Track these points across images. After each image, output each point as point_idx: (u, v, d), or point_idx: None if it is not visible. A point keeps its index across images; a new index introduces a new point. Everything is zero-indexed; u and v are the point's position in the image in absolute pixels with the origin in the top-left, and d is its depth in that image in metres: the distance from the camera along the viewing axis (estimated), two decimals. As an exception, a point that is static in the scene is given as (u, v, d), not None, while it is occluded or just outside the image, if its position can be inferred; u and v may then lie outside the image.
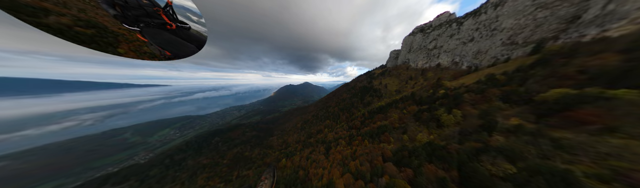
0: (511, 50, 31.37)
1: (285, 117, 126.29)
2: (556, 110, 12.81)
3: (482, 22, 38.18)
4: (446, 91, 29.49)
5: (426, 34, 58.46)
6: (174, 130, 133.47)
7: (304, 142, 49.49)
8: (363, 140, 25.41)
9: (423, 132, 20.98)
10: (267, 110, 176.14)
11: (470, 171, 10.99)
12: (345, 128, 39.15)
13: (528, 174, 9.15)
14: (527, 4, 28.35)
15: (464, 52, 43.14)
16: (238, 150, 72.97)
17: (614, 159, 8.72)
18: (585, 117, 11.33)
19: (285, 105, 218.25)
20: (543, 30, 27.13)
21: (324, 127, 55.08)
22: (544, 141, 10.86)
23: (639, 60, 12.38)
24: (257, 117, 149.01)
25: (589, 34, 21.04)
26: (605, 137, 9.99)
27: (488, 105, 19.15)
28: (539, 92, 15.83)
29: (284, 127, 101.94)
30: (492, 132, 14.17)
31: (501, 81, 22.25)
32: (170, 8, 1.49)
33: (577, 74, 15.52)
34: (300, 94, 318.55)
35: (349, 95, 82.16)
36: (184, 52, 1.62)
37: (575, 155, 9.67)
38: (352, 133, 31.58)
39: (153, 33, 1.42)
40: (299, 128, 76.58)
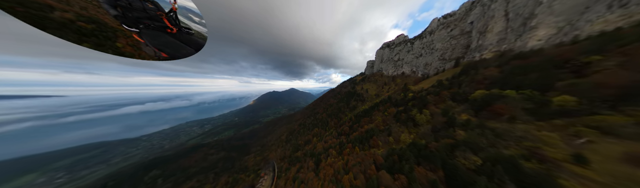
0: (444, 64, 48.16)
1: (267, 129, 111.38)
2: (483, 106, 18.07)
3: (425, 43, 57.80)
4: (413, 94, 36.12)
5: (391, 49, 78.82)
6: (57, 172, 72.53)
7: (290, 157, 43.97)
8: (354, 148, 25.36)
9: (405, 132, 23.10)
10: (244, 122, 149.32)
11: (452, 169, 12.30)
12: (334, 136, 38.41)
13: (491, 164, 11.09)
14: (445, 35, 47.33)
15: (418, 64, 60.91)
16: (193, 184, 51.07)
17: (525, 140, 12.37)
18: (499, 110, 16.32)
19: (267, 114, 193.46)
20: (456, 52, 45.34)
21: (313, 136, 52.24)
22: (488, 131, 14.30)
23: (507, 72, 20.63)
24: (229, 132, 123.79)
25: (476, 56, 37.09)
26: (514, 124, 14.43)
27: (444, 104, 24.51)
28: (470, 93, 22.38)
29: (265, 141, 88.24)
30: (454, 127, 17.42)
31: (446, 85, 30.13)
32: (174, 13, 1.57)
33: (484, 80, 23.58)
34: (286, 101, 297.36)
35: (335, 100, 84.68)
36: (181, 54, 1.66)
37: (506, 141, 13.05)
38: (342, 140, 31.14)
39: (152, 35, 1.49)
40: (283, 140, 68.50)
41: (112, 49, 1.32)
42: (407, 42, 68.17)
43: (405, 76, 66.53)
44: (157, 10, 1.50)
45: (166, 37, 1.57)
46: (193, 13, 1.76)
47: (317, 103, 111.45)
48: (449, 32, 46.19)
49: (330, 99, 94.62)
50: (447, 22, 48.40)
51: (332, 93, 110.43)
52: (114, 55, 1.36)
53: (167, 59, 1.64)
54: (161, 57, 1.59)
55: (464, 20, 43.06)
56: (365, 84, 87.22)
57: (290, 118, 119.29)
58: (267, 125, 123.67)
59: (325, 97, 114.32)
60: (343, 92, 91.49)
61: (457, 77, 30.52)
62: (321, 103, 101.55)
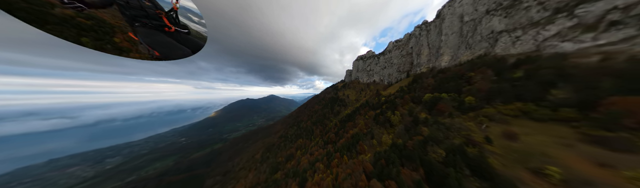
0: (400, 74, 65.44)
1: (234, 148, 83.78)
2: (432, 106, 24.88)
3: (386, 59, 76.42)
4: (385, 98, 44.02)
5: (364, 61, 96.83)
6: None
7: (266, 182, 35.83)
8: (342, 157, 25.13)
9: (385, 134, 26.01)
10: (197, 143, 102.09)
11: (428, 165, 14.27)
12: (321, 146, 37.14)
13: (452, 155, 14.03)
14: (398, 54, 65.03)
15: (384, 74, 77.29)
16: None
17: (462, 131, 17.65)
18: (442, 108, 23.40)
19: (236, 128, 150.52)
20: (406, 66, 62.61)
21: (296, 149, 47.51)
22: (441, 126, 19.23)
23: (438, 81, 30.27)
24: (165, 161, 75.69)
25: (418, 70, 52.19)
26: (453, 118, 20.73)
27: (408, 106, 31.39)
28: (422, 96, 30.44)
29: (229, 166, 65.15)
30: (419, 124, 22.21)
31: (406, 91, 39.53)
32: (174, 12, 1.56)
33: (428, 86, 33.37)
34: (263, 109, 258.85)
35: (320, 106, 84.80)
36: (177, 54, 1.62)
37: (453, 132, 17.97)
38: (329, 150, 30.43)
39: (147, 33, 1.47)
40: (258, 160, 55.47)
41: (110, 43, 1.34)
42: (375, 56, 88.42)
43: (376, 83, 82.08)
44: (155, 9, 1.48)
45: (162, 36, 1.54)
46: (193, 13, 1.75)
47: (301, 110, 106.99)
48: (400, 52, 67.04)
49: (314, 105, 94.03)
50: (398, 45, 69.87)
51: (317, 99, 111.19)
52: None
53: (161, 59, 1.57)
54: (153, 55, 1.52)
55: (407, 45, 64.63)
56: (346, 90, 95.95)
57: (268, 130, 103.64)
58: (236, 142, 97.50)
59: (310, 103, 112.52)
60: (327, 98, 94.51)
61: (411, 85, 41.21)
62: (305, 110, 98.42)
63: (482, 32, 34.86)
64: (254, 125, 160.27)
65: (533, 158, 12.45)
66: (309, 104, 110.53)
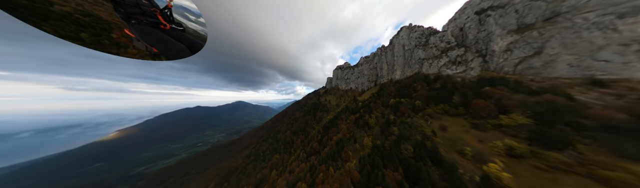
0: (370, 83, 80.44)
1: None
2: (396, 109, 32.12)
3: (360, 70, 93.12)
4: (362, 103, 51.24)
5: (342, 70, 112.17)
6: None
7: None
8: (327, 169, 23.81)
9: (365, 136, 28.93)
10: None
11: (404, 163, 16.70)
12: (302, 159, 34.55)
13: (418, 150, 17.85)
14: (367, 67, 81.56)
15: (358, 82, 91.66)
16: None
17: (419, 127, 24.00)
18: (403, 110, 31.03)
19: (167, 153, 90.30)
20: (374, 77, 79.10)
21: (271, 168, 40.28)
22: (405, 125, 24.85)
23: (397, 89, 40.72)
24: None
25: (382, 80, 67.12)
26: (411, 118, 27.76)
27: (380, 109, 38.26)
28: (388, 101, 38.69)
29: None
30: (391, 125, 27.43)
31: (376, 97, 48.59)
32: (168, 10, 1.59)
33: (391, 93, 43.27)
34: (224, 121, 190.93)
35: (302, 112, 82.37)
36: (173, 50, 1.64)
37: (413, 129, 23.88)
38: (313, 163, 28.33)
39: (143, 30, 1.48)
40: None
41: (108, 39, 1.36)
42: (351, 67, 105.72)
43: (353, 90, 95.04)
44: (150, 6, 1.50)
45: (158, 33, 1.56)
46: (189, 11, 1.75)
47: (279, 118, 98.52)
48: (369, 66, 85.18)
49: (295, 112, 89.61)
50: (367, 60, 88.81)
51: (298, 105, 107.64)
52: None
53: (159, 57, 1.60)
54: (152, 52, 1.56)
55: (374, 61, 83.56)
56: (328, 95, 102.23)
57: (229, 148, 79.31)
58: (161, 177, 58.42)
59: (290, 110, 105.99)
60: (309, 104, 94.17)
61: (379, 92, 51.68)
62: (284, 118, 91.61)
63: (415, 58, 54.23)
64: (205, 144, 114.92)
65: (457, 143, 18.98)
66: (289, 111, 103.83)
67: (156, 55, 1.61)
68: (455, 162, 15.82)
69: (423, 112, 28.74)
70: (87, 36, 1.27)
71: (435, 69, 45.65)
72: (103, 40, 1.35)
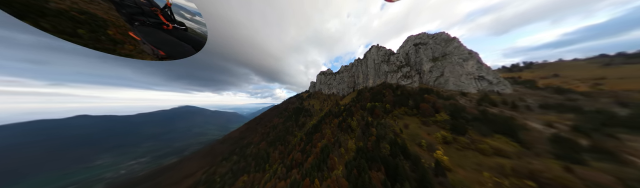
0: (350, 89, 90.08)
1: None
2: (372, 111, 38.58)
3: (340, 77, 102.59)
4: (344, 107, 56.50)
5: (325, 76, 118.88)
6: None
7: None
8: (312, 182, 21.75)
9: (349, 139, 31.33)
10: None
11: (385, 162, 19.31)
12: (282, 175, 30.60)
13: (393, 147, 22.17)
14: (346, 75, 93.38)
15: (339, 88, 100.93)
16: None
17: (390, 127, 30.01)
18: (377, 113, 37.43)
19: None
20: (352, 84, 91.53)
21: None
22: (381, 126, 30.19)
23: (372, 94, 49.50)
24: None
25: (358, 87, 78.81)
26: (384, 119, 34.29)
27: (360, 112, 43.98)
28: (365, 104, 45.66)
29: None
30: (370, 126, 32.30)
31: (356, 101, 55.64)
32: (168, 9, 1.54)
33: (367, 98, 51.48)
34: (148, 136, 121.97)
35: (282, 119, 76.69)
36: (179, 52, 1.64)
37: (387, 129, 29.37)
38: (295, 178, 25.17)
39: (147, 32, 1.46)
40: None
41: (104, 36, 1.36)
42: (333, 74, 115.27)
43: (335, 95, 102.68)
44: (150, 6, 1.43)
45: (162, 34, 1.51)
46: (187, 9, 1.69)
47: (251, 127, 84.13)
48: (348, 74, 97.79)
49: (274, 118, 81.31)
50: (347, 69, 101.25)
51: (277, 110, 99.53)
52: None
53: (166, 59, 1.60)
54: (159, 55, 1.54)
55: (352, 70, 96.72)
56: (311, 100, 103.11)
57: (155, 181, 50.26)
58: None
59: (267, 116, 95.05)
60: (291, 109, 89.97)
61: (358, 97, 59.88)
62: (258, 126, 80.00)
63: (382, 70, 69.93)
64: (95, 179, 62.41)
65: (416, 137, 25.32)
66: (265, 117, 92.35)
67: (164, 58, 1.56)
68: (418, 153, 20.74)
69: (391, 114, 36.50)
70: (85, 32, 1.24)
71: (394, 80, 61.16)
72: (100, 36, 1.31)
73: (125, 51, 1.47)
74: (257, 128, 73.75)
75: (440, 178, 16.62)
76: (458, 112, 29.86)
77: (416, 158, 19.49)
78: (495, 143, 20.99)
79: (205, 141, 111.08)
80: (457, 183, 15.80)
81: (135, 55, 1.50)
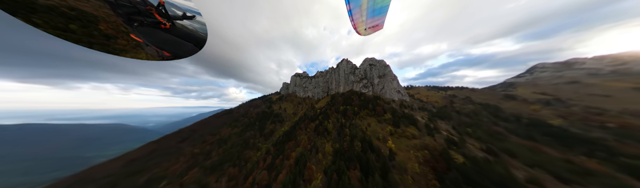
0: (324, 93, 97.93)
1: None
2: (345, 114, 45.70)
3: (316, 81, 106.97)
4: (320, 110, 60.11)
5: (301, 78, 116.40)
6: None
7: None
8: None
9: (326, 143, 32.82)
10: None
11: (359, 159, 22.72)
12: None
13: (364, 144, 27.51)
14: (321, 80, 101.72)
15: (314, 92, 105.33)
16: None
17: (359, 126, 37.13)
18: (348, 115, 44.69)
19: None
20: (326, 89, 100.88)
21: None
22: (353, 126, 36.55)
23: (343, 99, 59.17)
24: None
25: (332, 92, 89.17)
26: (354, 120, 41.98)
27: (335, 115, 49.54)
28: (338, 108, 52.82)
29: None
30: (344, 128, 37.75)
31: (331, 104, 61.91)
32: (162, 7, 1.50)
33: (340, 102, 59.88)
34: None
35: (238, 128, 59.30)
36: (182, 51, 1.62)
37: (358, 128, 35.95)
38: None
39: (148, 32, 1.43)
40: None
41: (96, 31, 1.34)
42: (309, 77, 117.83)
43: (310, 98, 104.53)
44: (145, 5, 1.38)
45: (162, 34, 1.46)
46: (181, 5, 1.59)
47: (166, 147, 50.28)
48: (323, 79, 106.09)
49: (223, 129, 60.79)
50: (322, 75, 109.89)
51: (230, 116, 77.44)
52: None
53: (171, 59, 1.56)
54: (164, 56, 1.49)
55: (327, 76, 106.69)
56: (283, 103, 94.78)
57: None
58: None
59: (208, 125, 69.16)
60: (253, 114, 74.95)
61: (332, 101, 67.19)
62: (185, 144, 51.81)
63: (350, 79, 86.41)
64: None
65: (375, 133, 33.76)
66: (202, 128, 65.27)
67: (168, 58, 1.54)
68: (378, 145, 27.60)
69: (358, 115, 46.03)
70: (77, 28, 1.25)
71: (358, 88, 78.59)
72: (92, 31, 1.31)
73: (119, 46, 1.39)
74: (182, 147, 46.57)
75: (393, 162, 23.12)
76: (394, 112, 45.83)
77: (378, 149, 25.49)
78: (410, 130, 35.15)
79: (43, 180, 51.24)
80: (401, 162, 22.94)
81: (129, 50, 1.39)
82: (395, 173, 20.75)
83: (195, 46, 1.57)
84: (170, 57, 1.48)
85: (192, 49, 1.58)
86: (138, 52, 1.43)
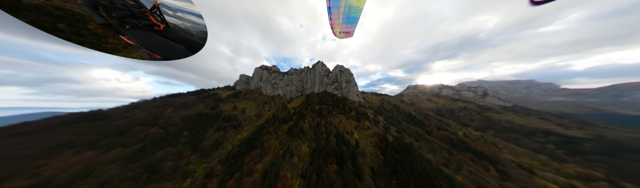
0: (298, 93, 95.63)
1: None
2: (320, 113, 49.81)
3: (289, 79, 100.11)
4: (294, 110, 58.70)
5: (270, 73, 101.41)
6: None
7: None
8: None
9: (302, 144, 32.46)
10: None
11: (334, 152, 26.24)
12: None
13: (337, 139, 32.39)
14: (296, 78, 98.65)
15: (287, 90, 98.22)
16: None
17: (333, 123, 43.17)
18: (324, 113, 49.90)
19: None
20: (301, 88, 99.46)
21: None
22: (328, 124, 41.24)
23: (318, 99, 64.00)
24: None
25: (306, 91, 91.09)
26: (328, 118, 47.91)
27: (311, 114, 51.68)
28: (314, 107, 55.89)
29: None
30: (321, 126, 41.60)
31: (307, 104, 62.79)
32: (157, 9, 1.50)
33: (315, 101, 63.10)
34: None
35: (135, 145, 33.26)
36: (172, 53, 1.62)
37: (333, 125, 41.60)
38: None
39: (140, 35, 1.42)
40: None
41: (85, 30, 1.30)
42: (281, 73, 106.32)
43: (280, 97, 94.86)
44: (140, 7, 1.38)
45: (155, 36, 1.47)
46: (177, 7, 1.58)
47: None
48: (298, 77, 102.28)
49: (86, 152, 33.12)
50: (296, 72, 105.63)
51: (96, 127, 42.33)
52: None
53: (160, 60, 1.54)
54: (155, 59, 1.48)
55: (301, 74, 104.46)
56: (241, 101, 74.89)
57: None
58: None
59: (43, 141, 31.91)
60: (179, 118, 48.70)
61: (307, 100, 68.40)
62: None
63: (324, 81, 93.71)
64: None
65: (345, 128, 40.37)
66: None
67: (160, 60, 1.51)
68: (348, 138, 34.04)
69: (332, 114, 52.74)
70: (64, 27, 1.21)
71: (331, 90, 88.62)
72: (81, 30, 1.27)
73: (110, 45, 1.36)
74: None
75: (358, 149, 29.57)
76: (357, 110, 59.45)
77: (348, 141, 31.06)
78: (366, 123, 48.03)
79: None
80: (363, 148, 30.15)
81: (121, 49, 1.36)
82: (360, 157, 27.08)
83: (186, 49, 1.47)
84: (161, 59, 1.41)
85: (183, 52, 1.48)
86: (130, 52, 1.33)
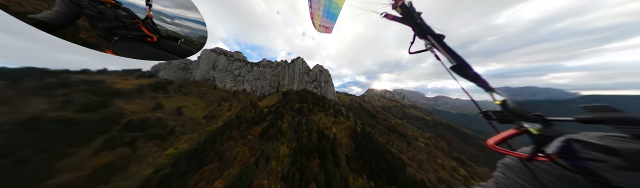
0: (272, 89, 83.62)
1: None
2: (300, 111, 48.00)
3: (261, 72, 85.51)
4: (268, 109, 50.81)
5: (230, 60, 79.41)
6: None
7: None
8: None
9: (281, 145, 30.19)
10: None
11: (317, 148, 27.44)
12: None
13: (318, 135, 33.57)
14: (270, 72, 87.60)
15: (257, 85, 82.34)
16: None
17: (314, 121, 43.77)
18: (304, 112, 47.64)
19: None
20: (276, 84, 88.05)
21: None
22: (310, 121, 40.87)
23: (299, 97, 60.54)
24: None
25: (283, 89, 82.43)
26: (309, 116, 46.90)
27: (289, 113, 47.48)
28: (293, 105, 52.41)
29: None
30: (302, 124, 39.71)
31: (284, 102, 56.83)
32: (150, 20, 1.40)
33: (295, 99, 59.47)
34: None
35: None
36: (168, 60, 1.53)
37: (313, 122, 41.34)
38: None
39: (131, 47, 1.33)
40: None
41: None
42: (248, 64, 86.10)
43: (247, 93, 76.47)
44: (132, 18, 1.28)
45: (147, 48, 1.38)
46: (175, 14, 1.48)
47: None
48: (272, 71, 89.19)
49: None
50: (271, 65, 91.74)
51: None
52: None
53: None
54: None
55: (277, 69, 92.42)
56: (172, 97, 50.24)
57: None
58: None
59: None
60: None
61: (284, 98, 61.88)
62: None
63: (304, 79, 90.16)
64: None
65: (325, 125, 42.73)
66: None
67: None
68: (327, 133, 36.95)
69: (312, 112, 52.29)
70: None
71: (311, 88, 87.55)
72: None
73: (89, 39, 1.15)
74: None
75: (336, 142, 33.61)
76: (335, 108, 63.98)
77: (328, 136, 34.10)
78: (342, 119, 53.56)
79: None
80: (339, 140, 34.34)
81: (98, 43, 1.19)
82: (337, 148, 30.40)
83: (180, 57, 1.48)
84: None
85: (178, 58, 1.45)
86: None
